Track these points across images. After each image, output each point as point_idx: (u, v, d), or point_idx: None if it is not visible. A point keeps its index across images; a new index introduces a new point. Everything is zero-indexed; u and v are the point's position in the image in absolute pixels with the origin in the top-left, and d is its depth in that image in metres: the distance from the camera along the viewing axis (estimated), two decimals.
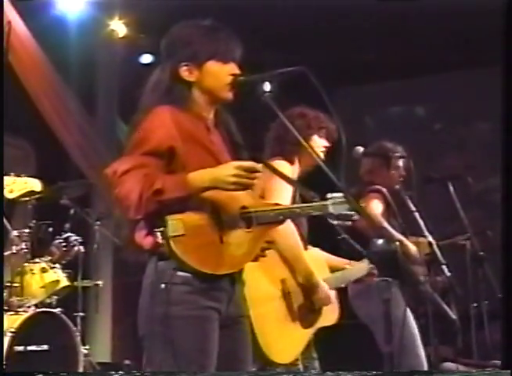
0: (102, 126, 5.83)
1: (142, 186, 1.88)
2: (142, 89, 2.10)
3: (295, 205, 2.16)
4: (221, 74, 2.08)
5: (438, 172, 3.48)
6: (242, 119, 2.12)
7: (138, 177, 1.89)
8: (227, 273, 2.00)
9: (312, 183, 2.23)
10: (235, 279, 2.06)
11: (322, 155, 2.81)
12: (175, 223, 1.91)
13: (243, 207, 2.03)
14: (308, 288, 2.70)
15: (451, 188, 3.35)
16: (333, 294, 2.79)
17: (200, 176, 1.93)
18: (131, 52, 5.85)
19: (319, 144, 2.84)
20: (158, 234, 1.92)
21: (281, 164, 2.70)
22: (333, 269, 2.87)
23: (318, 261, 2.82)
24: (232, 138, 2.15)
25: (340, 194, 1.91)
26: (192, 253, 1.93)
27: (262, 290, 2.61)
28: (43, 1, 5.21)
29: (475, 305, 3.28)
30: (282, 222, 2.08)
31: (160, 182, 1.90)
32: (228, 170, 1.93)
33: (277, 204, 2.13)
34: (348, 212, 1.89)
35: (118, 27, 5.69)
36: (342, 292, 2.92)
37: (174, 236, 1.91)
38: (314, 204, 2.05)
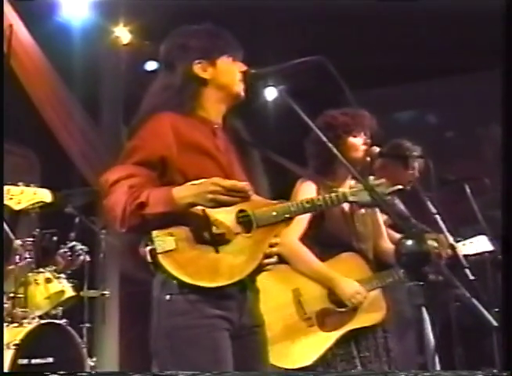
0: (106, 133, 5.76)
1: (126, 198, 1.81)
2: (144, 95, 2.05)
3: (303, 199, 2.03)
4: (233, 70, 2.06)
5: (454, 174, 3.37)
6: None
7: (123, 189, 1.83)
8: (236, 281, 1.89)
9: None
10: (246, 286, 1.96)
11: (362, 154, 2.77)
12: (164, 238, 1.83)
13: (241, 211, 1.92)
14: (334, 291, 2.65)
15: (467, 190, 3.26)
16: (374, 294, 2.70)
17: (182, 192, 1.84)
18: (136, 59, 5.80)
19: (358, 144, 2.78)
20: (147, 252, 1.84)
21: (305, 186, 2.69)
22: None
23: (349, 264, 2.74)
24: (244, 141, 2.06)
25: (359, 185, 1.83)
26: (185, 267, 1.84)
27: (272, 299, 2.57)
28: (46, 8, 5.16)
29: (496, 310, 3.15)
30: (288, 221, 1.97)
31: (145, 195, 1.82)
32: (206, 186, 1.83)
33: (282, 203, 2.00)
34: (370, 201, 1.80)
35: (122, 34, 5.65)
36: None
37: (165, 252, 1.83)
38: (326, 196, 1.96)
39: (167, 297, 1.87)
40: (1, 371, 2.76)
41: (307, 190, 2.72)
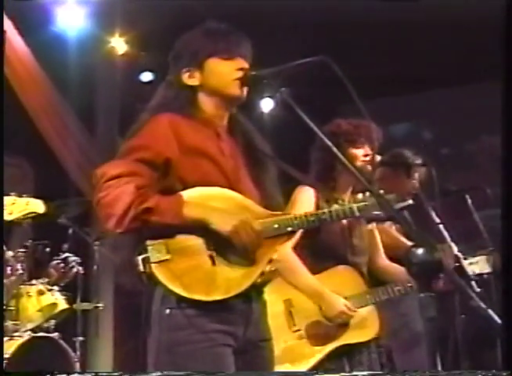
0: (101, 144, 5.69)
1: (132, 199, 1.72)
2: (144, 106, 1.96)
3: (308, 212, 1.93)
4: (225, 70, 1.92)
5: (455, 185, 3.32)
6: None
7: (129, 187, 1.73)
8: (241, 293, 1.81)
9: None
10: (252, 299, 1.87)
11: (364, 165, 2.71)
12: (158, 248, 1.75)
13: None
14: (321, 307, 2.58)
15: (469, 200, 3.21)
16: (367, 309, 2.63)
17: (196, 208, 1.77)
18: (132, 70, 5.76)
19: (359, 155, 2.72)
20: (140, 261, 1.76)
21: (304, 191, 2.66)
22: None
23: (343, 278, 2.68)
24: (251, 145, 1.96)
25: (365, 196, 1.76)
26: (179, 279, 1.76)
27: None
28: (42, 16, 5.11)
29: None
30: (291, 234, 1.88)
31: (154, 201, 1.74)
32: (232, 217, 1.77)
33: (285, 214, 1.90)
34: (378, 215, 1.72)
35: (118, 44, 5.59)
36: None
37: (158, 262, 1.75)
38: (332, 210, 1.88)
39: (167, 311, 1.79)
40: (1, 371, 2.69)
41: (306, 197, 2.66)
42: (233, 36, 1.95)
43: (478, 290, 2.26)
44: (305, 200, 2.65)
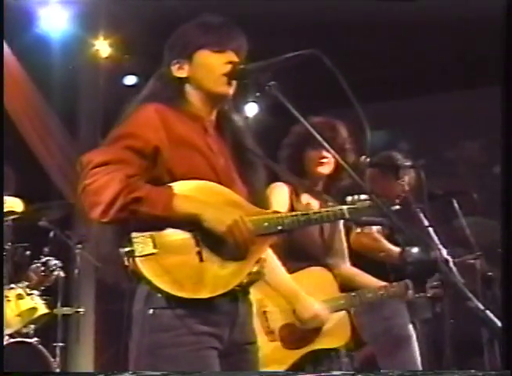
0: (84, 147, 5.63)
1: (121, 187, 1.66)
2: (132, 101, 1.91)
3: (299, 212, 1.89)
4: (213, 63, 1.88)
5: (442, 188, 3.30)
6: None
7: (118, 175, 1.67)
8: (227, 293, 1.75)
9: None
10: (238, 299, 1.81)
11: (320, 168, 2.66)
12: (144, 241, 1.69)
13: None
14: (294, 309, 2.52)
15: (455, 205, 3.20)
16: (341, 315, 2.59)
17: (188, 202, 1.72)
18: (115, 73, 5.72)
19: (313, 157, 2.67)
20: (124, 254, 1.70)
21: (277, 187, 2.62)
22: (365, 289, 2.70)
23: (318, 280, 2.62)
24: (239, 142, 1.92)
25: (354, 198, 1.72)
26: (165, 275, 1.70)
27: None
28: (26, 19, 5.06)
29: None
30: (280, 233, 1.83)
31: (144, 191, 1.68)
32: (227, 215, 1.72)
33: (276, 213, 1.86)
34: (368, 219, 1.67)
35: (102, 47, 5.55)
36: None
37: (143, 256, 1.69)
38: (323, 211, 1.84)
39: (150, 311, 1.73)
40: (1, 371, 2.61)
41: (279, 193, 2.63)
42: (226, 29, 1.90)
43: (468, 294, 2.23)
44: (279, 195, 2.62)
